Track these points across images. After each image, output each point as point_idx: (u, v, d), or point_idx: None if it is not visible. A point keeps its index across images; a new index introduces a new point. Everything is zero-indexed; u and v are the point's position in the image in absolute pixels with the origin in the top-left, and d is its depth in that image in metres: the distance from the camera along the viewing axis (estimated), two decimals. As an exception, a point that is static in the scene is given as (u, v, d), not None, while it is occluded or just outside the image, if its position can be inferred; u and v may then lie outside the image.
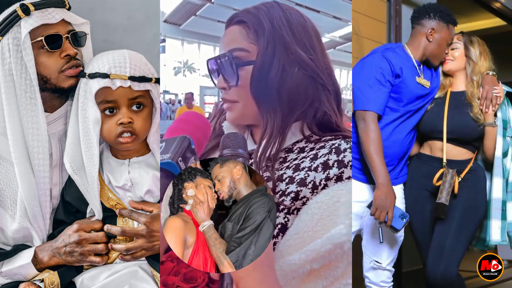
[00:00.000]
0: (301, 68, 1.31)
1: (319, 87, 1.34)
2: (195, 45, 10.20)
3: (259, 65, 1.32)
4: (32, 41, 1.46)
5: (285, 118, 1.34)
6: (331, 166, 1.27)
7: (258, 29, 1.32)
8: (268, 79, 1.30)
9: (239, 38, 1.36)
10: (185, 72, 10.72)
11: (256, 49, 1.34)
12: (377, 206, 2.01)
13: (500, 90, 2.19)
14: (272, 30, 1.32)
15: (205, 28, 9.55)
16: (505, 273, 2.73)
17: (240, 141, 1.29)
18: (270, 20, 1.33)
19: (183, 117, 1.36)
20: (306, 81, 1.32)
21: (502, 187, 2.20)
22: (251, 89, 1.33)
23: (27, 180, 1.48)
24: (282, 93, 1.31)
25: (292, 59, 1.31)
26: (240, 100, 1.39)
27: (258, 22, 1.33)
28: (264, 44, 1.31)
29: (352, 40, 3.03)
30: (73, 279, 1.50)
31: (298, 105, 1.32)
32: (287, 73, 1.30)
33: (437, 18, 2.20)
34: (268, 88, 1.31)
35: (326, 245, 1.19)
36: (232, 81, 1.36)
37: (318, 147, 1.33)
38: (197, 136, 1.30)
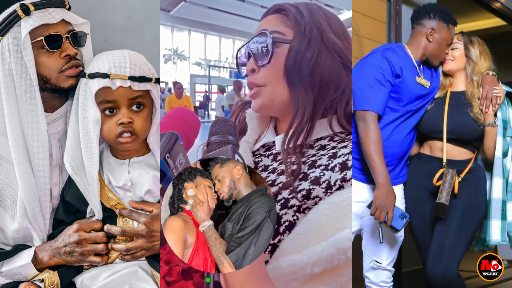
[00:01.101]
0: (336, 54, 1.31)
1: (351, 76, 1.34)
2: (186, 32, 10.01)
3: (296, 45, 1.30)
4: (32, 41, 1.46)
5: (316, 102, 1.31)
6: (350, 167, 1.24)
7: (296, 15, 1.33)
8: (303, 60, 1.29)
9: (275, 23, 1.36)
10: (175, 60, 10.54)
11: (292, 33, 1.33)
12: (377, 206, 2.01)
13: (500, 90, 2.19)
14: (310, 17, 1.33)
15: (196, 14, 9.35)
16: (505, 273, 2.73)
17: (230, 127, 1.27)
18: (307, 9, 1.35)
19: (172, 112, 1.36)
20: (340, 68, 1.31)
21: (502, 187, 2.20)
22: (285, 69, 1.31)
23: (27, 180, 1.48)
24: (316, 77, 1.29)
25: (328, 45, 1.31)
26: (269, 83, 1.35)
27: (297, 10, 1.35)
28: (302, 27, 1.31)
29: (352, 40, 3.02)
30: (73, 279, 1.50)
31: (330, 91, 1.30)
32: (322, 57, 1.29)
33: (437, 18, 2.20)
34: (302, 70, 1.28)
35: (329, 249, 1.15)
36: (265, 59, 1.33)
37: (340, 146, 1.30)
38: (185, 132, 1.30)
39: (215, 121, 1.27)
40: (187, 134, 1.31)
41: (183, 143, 1.30)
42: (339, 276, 1.16)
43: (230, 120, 1.28)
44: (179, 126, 1.29)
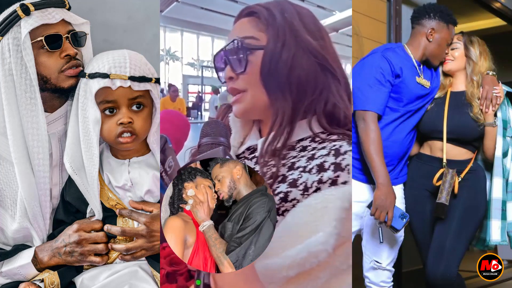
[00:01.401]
0: (311, 55, 1.29)
1: (329, 75, 1.31)
2: (178, 32, 9.98)
3: (270, 49, 1.29)
4: (32, 41, 1.46)
5: (295, 106, 1.30)
6: (326, 169, 1.21)
7: (268, 18, 1.31)
8: (278, 64, 1.27)
9: (248, 28, 1.34)
10: (168, 60, 10.51)
11: (265, 37, 1.31)
12: (377, 206, 2.01)
13: (500, 90, 2.19)
14: (283, 19, 1.30)
15: (188, 15, 9.33)
16: (505, 273, 2.73)
17: (221, 129, 1.27)
18: (280, 11, 1.32)
19: (162, 115, 1.34)
20: (316, 69, 1.29)
21: (502, 187, 2.20)
22: (261, 75, 1.30)
23: (27, 180, 1.48)
24: (292, 80, 1.28)
25: (303, 46, 1.29)
26: (249, 88, 1.34)
27: (268, 12, 1.32)
28: (275, 31, 1.29)
29: (352, 40, 3.02)
30: (73, 279, 1.50)
31: (308, 93, 1.28)
32: (297, 59, 1.28)
33: (437, 18, 2.20)
34: (279, 74, 1.27)
35: (301, 252, 1.13)
36: (241, 67, 1.32)
37: (319, 147, 1.29)
38: (175, 135, 1.29)
39: (206, 122, 1.26)
40: (177, 137, 1.30)
41: (172, 146, 1.29)
42: (314, 279, 1.14)
43: (221, 122, 1.27)
44: (168, 129, 1.29)
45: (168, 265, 1.34)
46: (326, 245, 1.13)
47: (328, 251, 1.14)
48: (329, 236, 1.13)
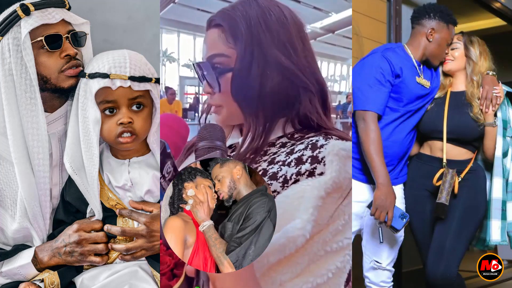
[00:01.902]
0: (281, 71, 1.30)
1: (300, 89, 1.32)
2: (175, 34, 10.07)
3: (237, 71, 1.30)
4: (32, 41, 1.46)
5: (267, 120, 1.33)
6: (304, 162, 1.25)
7: (234, 33, 1.30)
8: (247, 84, 1.29)
9: (218, 43, 1.34)
10: (165, 61, 10.59)
11: (235, 54, 1.32)
12: (377, 206, 2.01)
13: (500, 90, 2.19)
14: (249, 33, 1.29)
15: (184, 16, 9.43)
16: (505, 273, 2.73)
17: (218, 132, 1.27)
18: (246, 22, 1.30)
19: (160, 120, 1.34)
20: (286, 84, 1.30)
21: (502, 187, 2.20)
22: (232, 95, 1.32)
23: (27, 180, 1.48)
24: (263, 97, 1.30)
25: (271, 62, 1.29)
26: (224, 105, 1.38)
27: (235, 25, 1.31)
28: (242, 49, 1.29)
29: (352, 40, 3.03)
30: (73, 279, 1.50)
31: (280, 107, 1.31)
32: (266, 77, 1.29)
33: (437, 18, 2.20)
34: (249, 93, 1.30)
35: (280, 238, 1.18)
36: (215, 87, 1.35)
37: (298, 143, 1.32)
38: (174, 140, 1.29)
39: (203, 126, 1.27)
40: (175, 142, 1.29)
41: (171, 151, 1.29)
42: (294, 265, 1.18)
43: (218, 125, 1.28)
44: (167, 134, 1.28)
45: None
46: (304, 230, 1.18)
47: (306, 236, 1.18)
48: (306, 222, 1.18)
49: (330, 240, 1.22)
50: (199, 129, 1.28)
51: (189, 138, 1.44)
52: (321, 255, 1.20)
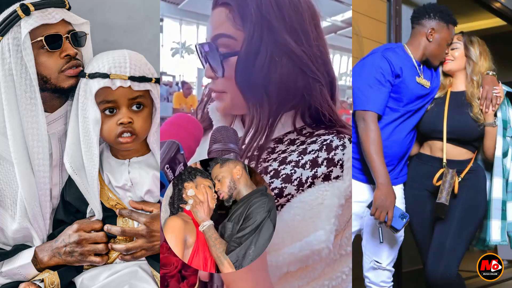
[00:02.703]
0: (290, 58, 1.22)
1: (310, 79, 1.24)
2: (194, 25, 10.01)
3: (244, 55, 1.21)
4: (32, 41, 1.46)
5: (273, 112, 1.25)
6: (320, 164, 1.19)
7: (243, 14, 1.21)
8: (253, 70, 1.21)
9: (225, 23, 1.26)
10: (183, 53, 10.54)
11: (242, 36, 1.23)
12: (377, 206, 2.01)
13: (500, 90, 2.19)
14: (259, 15, 1.20)
15: (204, 8, 9.36)
16: (505, 273, 2.73)
17: (231, 135, 1.25)
18: (257, 3, 1.21)
19: (173, 120, 1.28)
20: (296, 73, 1.23)
21: (502, 187, 2.20)
22: (236, 81, 1.24)
23: (27, 180, 1.48)
24: (269, 86, 1.22)
25: (281, 49, 1.21)
26: (228, 91, 1.31)
27: (244, 5, 1.21)
28: (250, 32, 1.20)
29: (352, 40, 3.03)
30: (73, 279, 1.50)
31: (287, 98, 1.23)
32: (274, 64, 1.21)
33: (437, 18, 2.20)
34: (254, 80, 1.22)
35: (304, 250, 1.15)
36: (219, 72, 1.27)
37: (309, 141, 1.26)
38: (187, 141, 1.26)
39: (216, 128, 1.23)
40: (188, 143, 1.25)
41: (184, 152, 1.26)
42: (312, 271, 1.17)
43: (231, 128, 1.24)
44: (180, 134, 1.24)
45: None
46: (328, 242, 1.15)
47: (329, 247, 1.16)
48: (330, 233, 1.15)
49: (345, 244, 1.21)
50: (211, 131, 1.22)
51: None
52: (336, 259, 1.18)
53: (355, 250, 1.42)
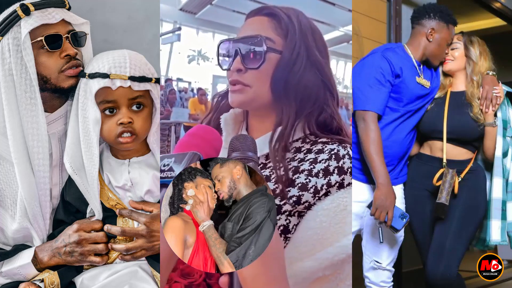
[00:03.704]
0: (318, 70, 1.39)
1: (327, 91, 1.41)
2: (210, 34, 10.25)
3: (287, 57, 1.37)
4: (32, 41, 1.46)
5: (297, 112, 1.39)
6: (332, 173, 1.31)
7: (289, 26, 1.39)
8: (290, 72, 1.36)
9: (268, 28, 1.40)
10: (199, 60, 10.79)
11: (281, 43, 1.38)
12: (377, 206, 2.01)
13: (500, 90, 2.19)
14: (300, 32, 1.39)
15: (220, 17, 9.61)
16: (505, 273, 2.73)
17: (250, 144, 1.27)
18: (298, 22, 1.40)
19: (194, 131, 1.33)
20: (319, 83, 1.39)
21: (502, 187, 2.20)
22: (273, 77, 1.37)
23: (27, 180, 1.48)
24: (298, 88, 1.37)
25: (312, 61, 1.39)
26: (254, 85, 1.39)
27: (289, 20, 1.40)
28: (293, 41, 1.37)
29: (352, 40, 3.03)
30: (73, 279, 1.50)
31: (309, 103, 1.38)
32: (306, 72, 1.37)
33: (437, 18, 2.20)
34: (288, 81, 1.36)
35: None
36: (255, 65, 1.37)
37: (316, 150, 1.36)
38: (207, 151, 1.28)
39: (235, 137, 1.27)
40: (209, 154, 1.29)
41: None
42: (340, 272, 1.26)
43: (249, 136, 1.28)
44: (201, 145, 1.28)
45: (181, 277, 1.34)
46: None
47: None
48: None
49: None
50: (230, 139, 1.28)
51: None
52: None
53: (355, 250, 1.43)
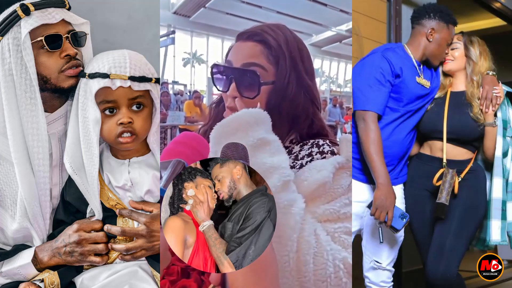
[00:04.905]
0: (306, 93, 1.50)
1: (315, 107, 1.54)
2: (204, 36, 10.33)
3: (279, 86, 1.47)
4: (32, 41, 1.46)
5: (289, 128, 1.52)
6: (314, 155, 1.45)
7: (279, 55, 1.48)
8: (282, 99, 1.47)
9: (260, 56, 1.48)
10: (194, 63, 10.89)
11: (273, 70, 1.47)
12: (377, 206, 2.01)
13: (500, 90, 2.19)
14: (289, 57, 1.48)
15: (214, 20, 9.69)
16: (505, 273, 2.73)
17: (241, 151, 1.28)
18: (287, 48, 1.49)
19: (179, 138, 1.37)
20: (308, 104, 1.51)
21: (502, 187, 2.20)
22: (267, 106, 1.47)
23: (27, 180, 1.48)
24: (289, 110, 1.49)
25: (301, 85, 1.49)
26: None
27: (279, 47, 1.48)
28: (284, 70, 1.47)
29: (352, 40, 3.03)
30: (73, 279, 1.50)
31: (299, 119, 1.51)
32: (296, 97, 1.49)
33: (437, 18, 2.20)
34: (281, 107, 1.49)
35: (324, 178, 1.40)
36: (250, 95, 1.47)
37: (301, 143, 1.50)
38: (193, 159, 1.29)
39: (226, 145, 1.30)
40: (194, 159, 1.30)
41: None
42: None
43: (240, 144, 1.30)
44: (187, 153, 1.29)
45: (178, 261, 1.36)
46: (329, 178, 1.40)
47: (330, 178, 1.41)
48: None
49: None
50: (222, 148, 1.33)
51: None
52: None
53: (355, 250, 1.43)
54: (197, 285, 1.35)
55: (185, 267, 1.37)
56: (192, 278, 1.36)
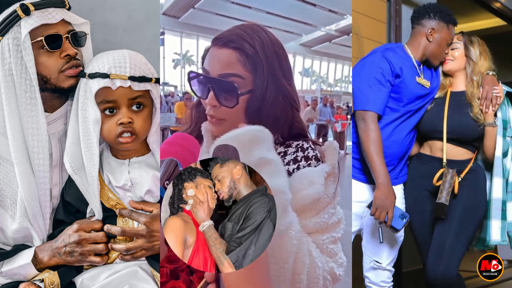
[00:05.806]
0: (285, 97, 1.48)
1: (295, 111, 1.53)
2: (194, 37, 10.28)
3: (257, 93, 1.45)
4: (32, 41, 1.46)
5: (270, 130, 1.48)
6: (299, 161, 1.43)
7: (256, 61, 1.45)
8: (261, 107, 1.46)
9: (236, 65, 1.45)
10: (184, 64, 10.85)
11: (250, 78, 1.45)
12: (377, 206, 2.01)
13: (500, 90, 2.19)
14: (267, 63, 1.46)
15: (203, 21, 9.64)
16: (505, 273, 2.73)
17: (232, 153, 1.28)
18: (264, 53, 1.46)
19: (171, 139, 1.37)
20: (287, 107, 1.50)
21: (502, 187, 2.20)
22: (247, 115, 1.46)
23: (27, 180, 1.48)
24: (269, 114, 1.47)
25: (280, 90, 1.47)
26: (228, 119, 1.45)
27: (256, 54, 1.45)
28: (261, 77, 1.45)
29: (352, 40, 3.03)
30: (73, 279, 1.50)
31: (279, 123, 1.50)
32: (275, 101, 1.47)
33: (437, 18, 2.20)
34: (260, 114, 1.48)
35: (313, 195, 1.40)
36: (228, 104, 1.45)
37: (285, 146, 1.49)
38: (185, 158, 1.30)
39: (217, 147, 1.30)
40: (187, 160, 1.31)
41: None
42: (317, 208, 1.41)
43: (231, 145, 1.30)
44: (179, 152, 1.31)
45: (167, 263, 1.37)
46: (321, 193, 1.41)
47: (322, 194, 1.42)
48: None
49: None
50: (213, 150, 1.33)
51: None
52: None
53: (355, 250, 1.43)
54: (186, 286, 1.36)
55: (173, 269, 1.38)
56: (181, 279, 1.37)
